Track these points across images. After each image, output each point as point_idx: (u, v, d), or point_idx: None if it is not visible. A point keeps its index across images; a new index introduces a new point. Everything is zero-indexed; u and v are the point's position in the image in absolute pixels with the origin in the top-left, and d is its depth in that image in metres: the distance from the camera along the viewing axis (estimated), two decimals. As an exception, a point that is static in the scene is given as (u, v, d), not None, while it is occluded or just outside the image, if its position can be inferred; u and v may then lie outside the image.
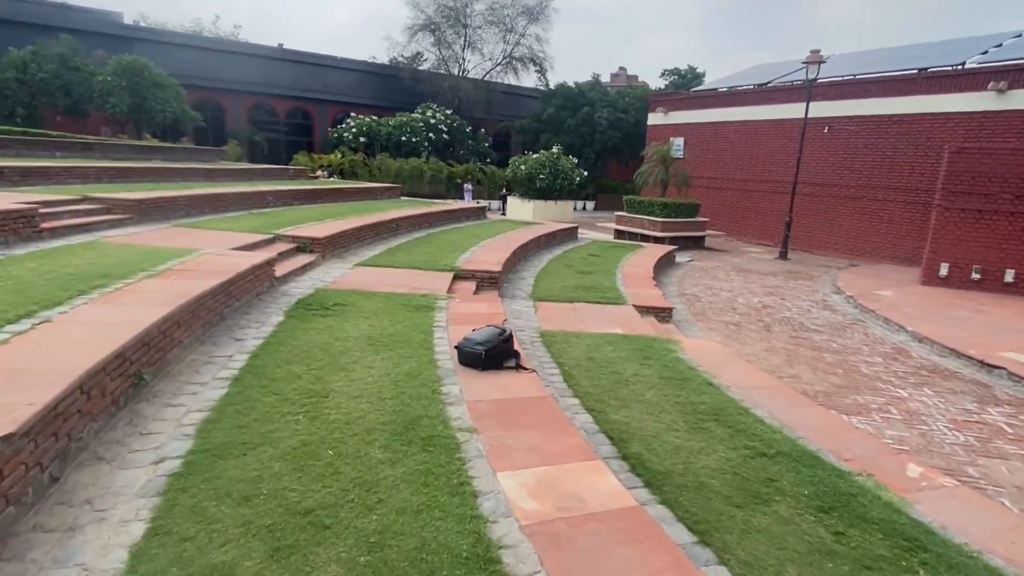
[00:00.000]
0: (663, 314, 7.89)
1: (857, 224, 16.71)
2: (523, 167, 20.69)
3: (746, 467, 3.65)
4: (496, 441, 3.10)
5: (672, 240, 15.77)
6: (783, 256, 15.63)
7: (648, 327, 6.73)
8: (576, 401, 4.45)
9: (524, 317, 6.73)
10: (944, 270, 11.92)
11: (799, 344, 7.83)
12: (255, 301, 5.57)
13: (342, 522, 2.36)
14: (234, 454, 2.83)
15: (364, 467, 2.77)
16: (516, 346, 4.43)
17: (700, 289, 11.16)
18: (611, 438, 3.94)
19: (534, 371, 4.16)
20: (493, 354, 4.10)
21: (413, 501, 2.51)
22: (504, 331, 4.31)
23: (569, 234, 14.08)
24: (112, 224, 7.41)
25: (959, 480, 4.35)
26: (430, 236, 11.02)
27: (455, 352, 4.23)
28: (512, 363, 4.18)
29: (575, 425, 3.77)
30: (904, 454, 4.16)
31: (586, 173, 23.42)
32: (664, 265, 12.35)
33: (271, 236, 7.75)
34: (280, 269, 6.62)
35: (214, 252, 6.08)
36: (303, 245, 7.85)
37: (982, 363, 7.08)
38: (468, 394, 3.68)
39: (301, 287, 6.33)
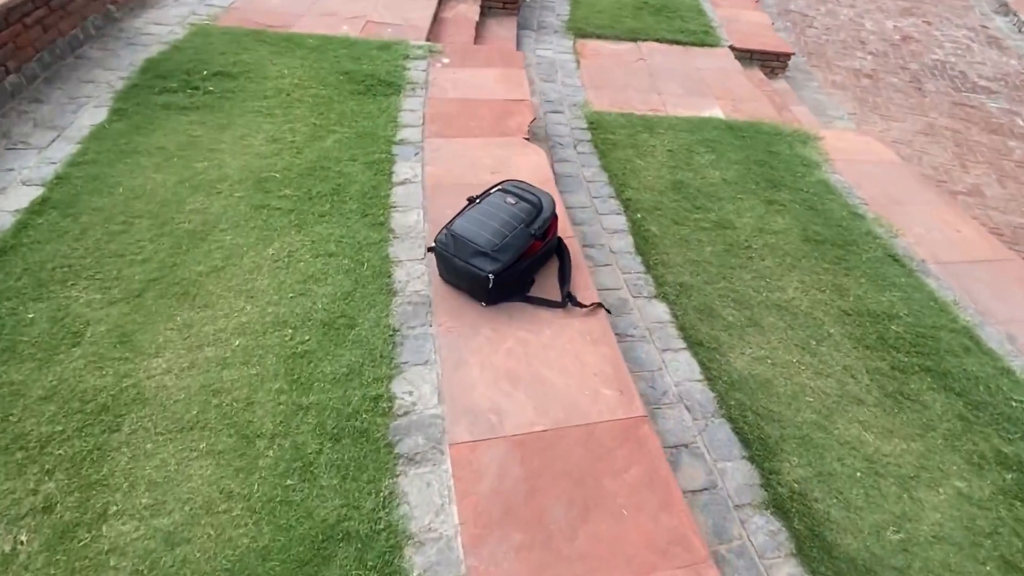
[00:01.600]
0: (776, 63, 5.02)
1: None
2: None
3: None
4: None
5: (765, -93, 10.88)
6: (917, -62, 10.95)
7: (763, 102, 4.09)
8: (664, 309, 2.40)
9: (560, 77, 4.05)
10: None
11: (968, 120, 5.17)
12: (63, 65, 2.93)
13: None
14: None
15: None
16: (562, 227, 2.09)
17: (807, 1, 7.63)
18: (745, 438, 2.01)
19: (600, 305, 1.93)
20: (512, 275, 1.84)
21: None
22: (537, 204, 1.93)
23: None
24: None
25: None
26: None
27: (431, 257, 1.95)
28: (559, 296, 1.93)
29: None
30: None
31: None
32: (756, -46, 8.39)
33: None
34: (127, -21, 3.66)
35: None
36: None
37: None
38: (456, 424, 1.57)
39: (167, 22, 3.51)
